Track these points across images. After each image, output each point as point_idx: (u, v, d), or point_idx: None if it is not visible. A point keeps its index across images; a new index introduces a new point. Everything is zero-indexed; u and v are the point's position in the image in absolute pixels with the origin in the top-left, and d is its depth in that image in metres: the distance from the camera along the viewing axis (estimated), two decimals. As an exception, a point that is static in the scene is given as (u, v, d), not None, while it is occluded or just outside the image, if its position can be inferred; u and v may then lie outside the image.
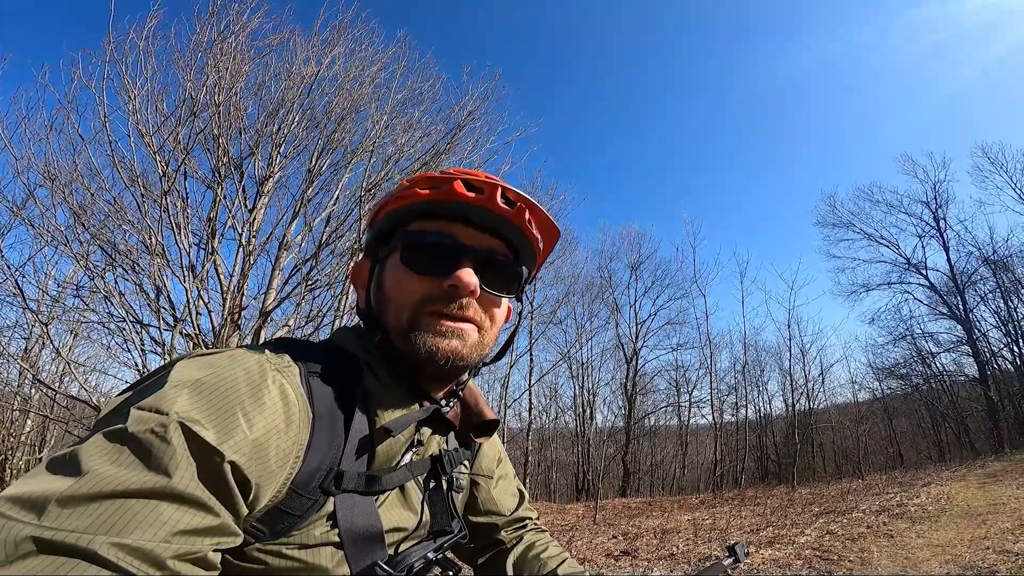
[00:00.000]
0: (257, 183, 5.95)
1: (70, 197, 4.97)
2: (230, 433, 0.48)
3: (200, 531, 0.44)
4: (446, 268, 0.65)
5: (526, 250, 0.73)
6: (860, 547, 5.01)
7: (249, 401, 0.52)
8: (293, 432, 0.55)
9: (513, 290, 0.73)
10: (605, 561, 5.67)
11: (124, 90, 5.02)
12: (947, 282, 19.68)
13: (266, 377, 0.55)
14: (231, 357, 0.56)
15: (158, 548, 0.40)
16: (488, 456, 0.92)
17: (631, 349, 20.58)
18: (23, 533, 0.37)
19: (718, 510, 10.12)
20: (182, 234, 5.22)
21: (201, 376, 0.51)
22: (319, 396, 0.60)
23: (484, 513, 0.90)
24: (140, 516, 0.40)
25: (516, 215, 0.67)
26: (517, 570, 0.88)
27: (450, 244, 0.66)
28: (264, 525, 0.54)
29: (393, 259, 0.68)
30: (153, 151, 5.05)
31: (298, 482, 0.55)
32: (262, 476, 0.50)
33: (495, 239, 0.70)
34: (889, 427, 19.42)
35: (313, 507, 0.57)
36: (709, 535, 6.91)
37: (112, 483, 0.41)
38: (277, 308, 6.18)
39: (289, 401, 0.56)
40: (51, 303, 6.29)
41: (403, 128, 6.39)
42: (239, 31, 5.48)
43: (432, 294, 0.65)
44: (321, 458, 0.57)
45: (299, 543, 0.56)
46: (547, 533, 0.97)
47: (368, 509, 0.61)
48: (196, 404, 0.48)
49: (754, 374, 21.79)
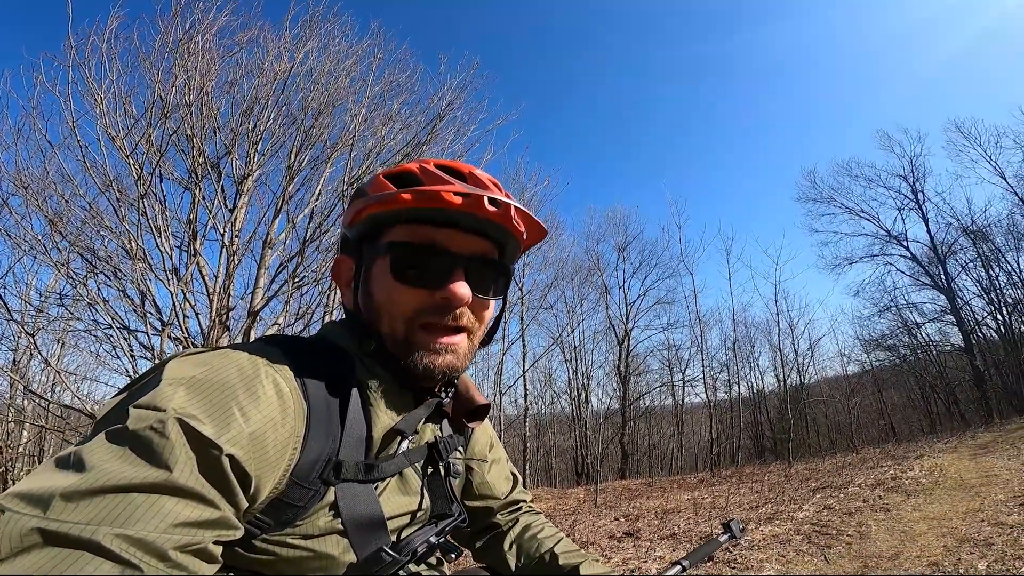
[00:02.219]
0: (236, 182, 5.84)
1: (44, 205, 4.88)
2: (227, 427, 0.49)
3: (200, 523, 0.45)
4: (438, 280, 0.65)
5: (512, 245, 0.73)
6: (857, 521, 5.07)
7: (244, 395, 0.52)
8: (289, 424, 0.56)
9: (501, 290, 0.74)
10: (608, 543, 5.70)
11: (90, 94, 4.89)
12: (928, 253, 19.94)
13: (259, 372, 0.56)
14: (223, 355, 0.57)
15: (160, 539, 0.41)
16: (480, 441, 0.94)
17: (622, 330, 20.58)
18: (29, 525, 0.38)
19: (717, 488, 10.24)
20: (163, 237, 5.13)
21: (195, 373, 0.52)
22: (313, 389, 0.61)
23: (479, 497, 0.92)
24: (142, 509, 0.41)
25: (503, 216, 0.67)
26: (514, 552, 0.90)
27: (441, 253, 0.66)
28: (269, 517, 0.56)
29: (381, 267, 0.67)
30: (125, 155, 4.93)
31: (298, 473, 0.57)
32: (261, 468, 0.52)
33: (482, 240, 0.70)
34: (880, 399, 19.68)
35: (315, 497, 0.59)
36: (709, 513, 6.98)
37: (115, 478, 0.42)
38: (265, 307, 6.10)
39: (283, 394, 0.56)
40: (35, 313, 6.20)
41: (382, 121, 6.29)
42: (205, 30, 5.34)
43: (425, 307, 0.66)
44: (319, 449, 0.59)
45: (304, 533, 0.58)
46: (542, 515, 0.99)
47: (369, 497, 0.63)
48: (192, 400, 0.49)
49: (745, 350, 21.89)
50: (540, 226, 0.74)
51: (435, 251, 0.66)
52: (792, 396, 18.86)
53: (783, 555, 4.22)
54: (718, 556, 4.25)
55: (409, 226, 0.67)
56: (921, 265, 20.14)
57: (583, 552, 0.87)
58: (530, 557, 0.87)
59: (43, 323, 6.37)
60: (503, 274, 0.73)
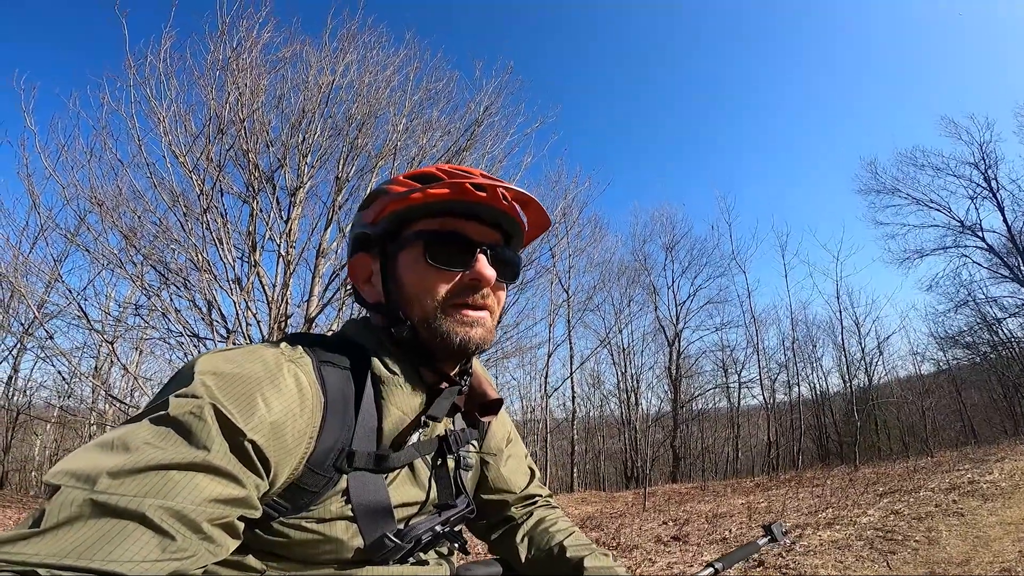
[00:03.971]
0: (289, 194, 6.14)
1: (119, 221, 5.24)
2: (251, 416, 0.54)
3: (230, 500, 0.50)
4: (467, 262, 0.72)
5: (517, 237, 0.80)
6: (927, 526, 4.74)
7: (267, 388, 0.58)
8: (307, 415, 0.61)
9: (513, 276, 0.80)
10: (654, 547, 5.59)
11: (152, 112, 5.22)
12: (1006, 243, 18.20)
13: (282, 367, 0.61)
14: (249, 351, 0.62)
15: (195, 511, 0.46)
16: (497, 435, 0.95)
17: (672, 332, 20.09)
18: (82, 497, 0.43)
19: (774, 493, 9.80)
20: (225, 249, 5.45)
21: (225, 368, 0.57)
22: (331, 383, 0.65)
23: (495, 491, 0.94)
24: (181, 485, 0.47)
25: (512, 209, 0.75)
26: (526, 544, 0.92)
27: (467, 240, 0.73)
28: (286, 501, 0.61)
29: (411, 255, 0.73)
30: (188, 171, 5.26)
31: (313, 461, 0.61)
32: (280, 454, 0.57)
33: (496, 231, 0.77)
34: (958, 400, 18.19)
35: (328, 484, 0.63)
36: (763, 518, 6.71)
37: (157, 457, 0.47)
38: (320, 314, 6.35)
39: (303, 387, 0.61)
40: (114, 323, 6.74)
41: (423, 129, 6.47)
42: (252, 47, 5.63)
43: (456, 287, 0.72)
44: (334, 439, 0.63)
45: (317, 517, 0.63)
46: (558, 509, 1.01)
47: (378, 486, 0.67)
48: (222, 390, 0.54)
49: (805, 350, 20.82)
50: (546, 216, 0.81)
51: (462, 238, 0.72)
52: (859, 397, 17.78)
53: (840, 561, 4.01)
54: (769, 560, 4.09)
55: (434, 219, 0.73)
56: (999, 256, 18.45)
57: (591, 545, 0.88)
58: (540, 549, 0.90)
59: (121, 332, 6.87)
60: (515, 262, 0.80)
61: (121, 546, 0.42)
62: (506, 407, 0.91)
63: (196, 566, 0.46)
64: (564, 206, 9.20)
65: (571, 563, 0.84)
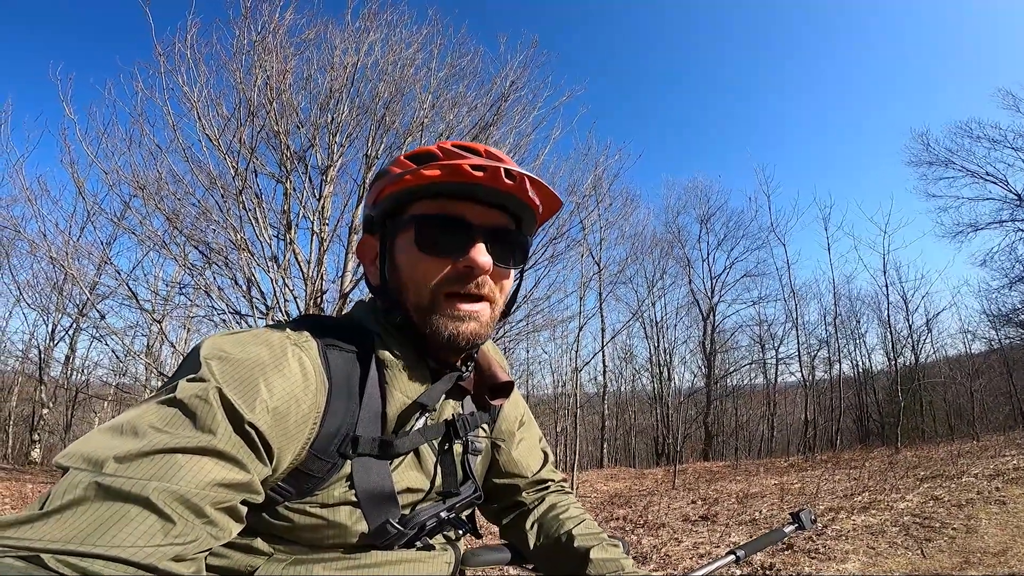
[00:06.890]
0: (321, 172, 6.22)
1: (161, 204, 5.43)
2: (254, 400, 0.54)
3: (233, 484, 0.50)
4: (460, 248, 0.68)
5: (528, 218, 0.75)
6: (967, 514, 4.58)
7: (271, 371, 0.57)
8: (310, 399, 0.60)
9: (519, 261, 0.76)
10: (682, 526, 5.61)
11: (185, 98, 5.34)
12: (1065, 217, 16.90)
13: (286, 350, 0.61)
14: (255, 335, 0.62)
15: (199, 495, 0.47)
16: (509, 418, 0.93)
17: (707, 305, 19.61)
18: (88, 480, 0.44)
19: (808, 474, 9.64)
20: (261, 228, 5.60)
21: (230, 351, 0.57)
22: (335, 367, 0.65)
23: (506, 475, 0.93)
24: (185, 468, 0.47)
25: (519, 188, 0.69)
26: (535, 531, 0.91)
27: (462, 224, 0.68)
28: (290, 486, 0.61)
29: (404, 240, 0.70)
30: (223, 153, 5.41)
31: (317, 446, 0.61)
32: (282, 439, 0.56)
33: (500, 213, 0.72)
34: (1009, 382, 17.26)
35: (332, 469, 0.63)
36: (796, 500, 6.63)
37: (162, 441, 0.47)
38: (354, 289, 6.49)
39: (307, 371, 0.61)
40: (163, 302, 7.06)
41: (449, 105, 6.39)
42: (276, 30, 5.65)
43: (449, 275, 0.68)
44: (338, 424, 0.63)
45: (321, 502, 0.62)
46: (571, 495, 0.99)
47: (382, 471, 0.67)
48: (227, 374, 0.54)
49: (849, 326, 19.97)
50: (555, 197, 0.75)
51: (456, 222, 0.68)
52: (904, 376, 17.10)
53: (873, 547, 3.93)
54: (798, 545, 4.04)
55: (431, 200, 0.69)
56: (1059, 231, 17.18)
57: (601, 535, 0.87)
58: (549, 537, 0.89)
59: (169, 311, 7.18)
60: (520, 245, 0.75)
61: (125, 530, 0.42)
62: (538, 380, 0.87)
63: (198, 550, 0.47)
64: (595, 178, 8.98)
65: (579, 553, 0.83)
